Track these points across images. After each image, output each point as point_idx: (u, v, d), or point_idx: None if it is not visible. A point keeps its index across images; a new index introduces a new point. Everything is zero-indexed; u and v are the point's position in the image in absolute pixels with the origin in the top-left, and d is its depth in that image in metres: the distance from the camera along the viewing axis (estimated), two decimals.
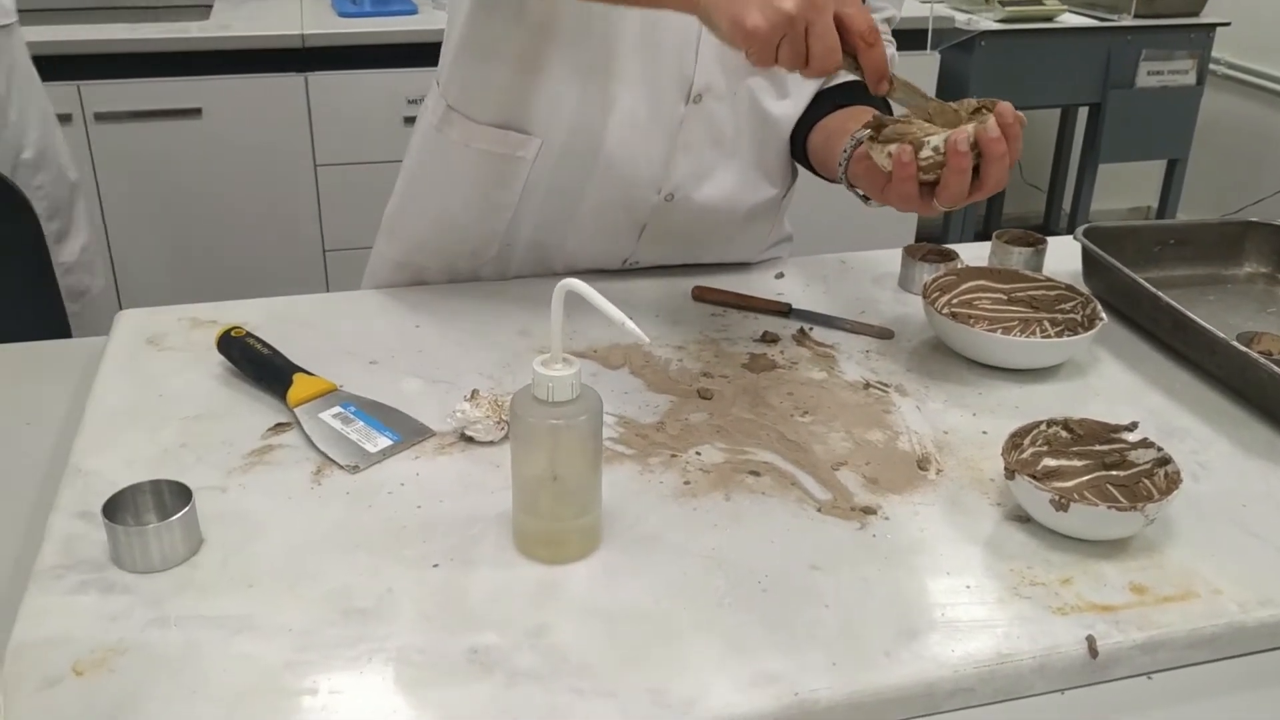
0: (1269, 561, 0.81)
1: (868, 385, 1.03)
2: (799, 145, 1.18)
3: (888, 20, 1.21)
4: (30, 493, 0.89)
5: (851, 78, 1.14)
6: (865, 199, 1.02)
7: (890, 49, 1.22)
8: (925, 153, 0.91)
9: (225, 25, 2.52)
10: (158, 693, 0.66)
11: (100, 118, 2.43)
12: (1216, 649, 0.75)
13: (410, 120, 2.61)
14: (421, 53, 2.52)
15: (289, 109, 2.54)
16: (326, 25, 2.54)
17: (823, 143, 1.12)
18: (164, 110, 2.46)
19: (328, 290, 2.69)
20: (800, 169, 1.26)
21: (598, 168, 1.12)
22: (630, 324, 0.71)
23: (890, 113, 1.07)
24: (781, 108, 1.15)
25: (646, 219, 1.17)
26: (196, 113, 2.48)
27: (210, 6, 2.71)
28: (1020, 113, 0.92)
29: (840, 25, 0.85)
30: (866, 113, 1.09)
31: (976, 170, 0.91)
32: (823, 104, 1.16)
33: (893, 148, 0.93)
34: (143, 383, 1.00)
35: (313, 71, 2.52)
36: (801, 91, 1.15)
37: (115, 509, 0.77)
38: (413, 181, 1.23)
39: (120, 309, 1.14)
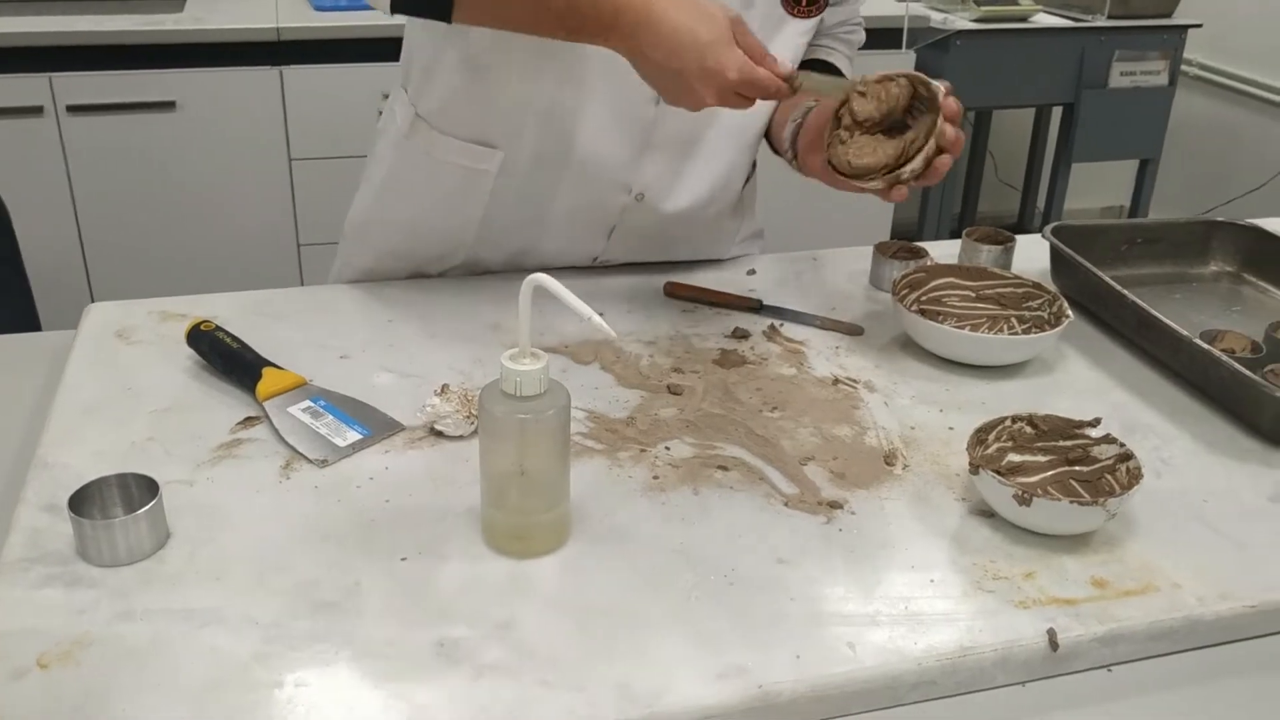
0: (1228, 556, 0.83)
1: (837, 381, 1.04)
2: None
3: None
4: None
5: (824, 56, 1.20)
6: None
7: (857, 34, 1.24)
8: (906, 176, 0.98)
9: (199, 18, 2.51)
10: (124, 686, 0.66)
11: (72, 110, 2.41)
12: (1175, 642, 0.77)
13: None
14: (396, 46, 2.50)
15: (264, 102, 2.53)
16: (302, 19, 2.52)
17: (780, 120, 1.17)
18: (137, 103, 2.44)
19: (302, 284, 2.67)
20: (761, 159, 1.27)
21: (568, 172, 1.12)
22: (597, 319, 0.71)
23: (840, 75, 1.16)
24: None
25: (616, 219, 1.17)
26: (170, 106, 2.46)
27: None
28: (958, 108, 0.98)
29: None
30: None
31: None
32: None
33: (877, 183, 0.99)
34: (111, 376, 1.00)
35: (288, 65, 2.51)
36: None
37: (81, 502, 0.77)
38: (380, 189, 1.22)
39: (93, 302, 1.13)
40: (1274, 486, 0.91)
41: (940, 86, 0.98)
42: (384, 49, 2.53)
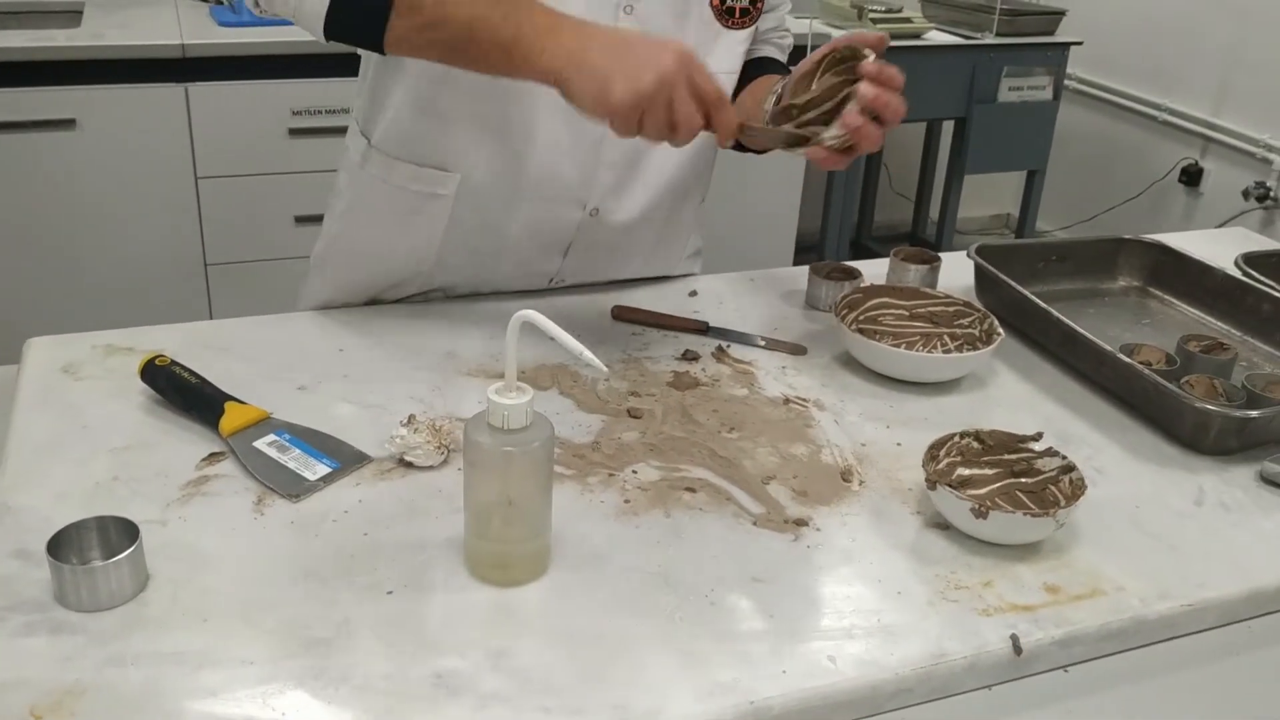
0: (1163, 558, 0.89)
1: (788, 401, 1.08)
2: None
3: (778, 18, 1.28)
4: None
5: (761, 54, 1.25)
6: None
7: (787, 38, 1.29)
8: (829, 141, 0.98)
9: (98, 34, 2.44)
10: None
11: None
12: (1123, 641, 0.82)
13: (295, 131, 2.58)
14: (305, 63, 2.48)
15: (168, 120, 2.47)
16: (207, 35, 2.48)
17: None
18: (35, 121, 2.36)
19: (210, 305, 2.62)
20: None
21: (524, 192, 1.14)
22: (589, 354, 0.74)
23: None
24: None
25: (572, 236, 1.19)
26: (70, 124, 2.39)
27: (80, 13, 2.61)
28: (879, 34, 1.00)
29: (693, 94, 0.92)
30: (768, 83, 1.16)
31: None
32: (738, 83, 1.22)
33: (802, 150, 1.00)
34: (63, 413, 0.98)
35: (193, 82, 2.46)
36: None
37: (58, 547, 0.76)
38: (340, 222, 1.22)
39: None
40: (1196, 491, 0.98)
41: (863, 44, 0.98)
42: (292, 66, 2.50)
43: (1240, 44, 3.43)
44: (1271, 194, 3.39)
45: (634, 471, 0.95)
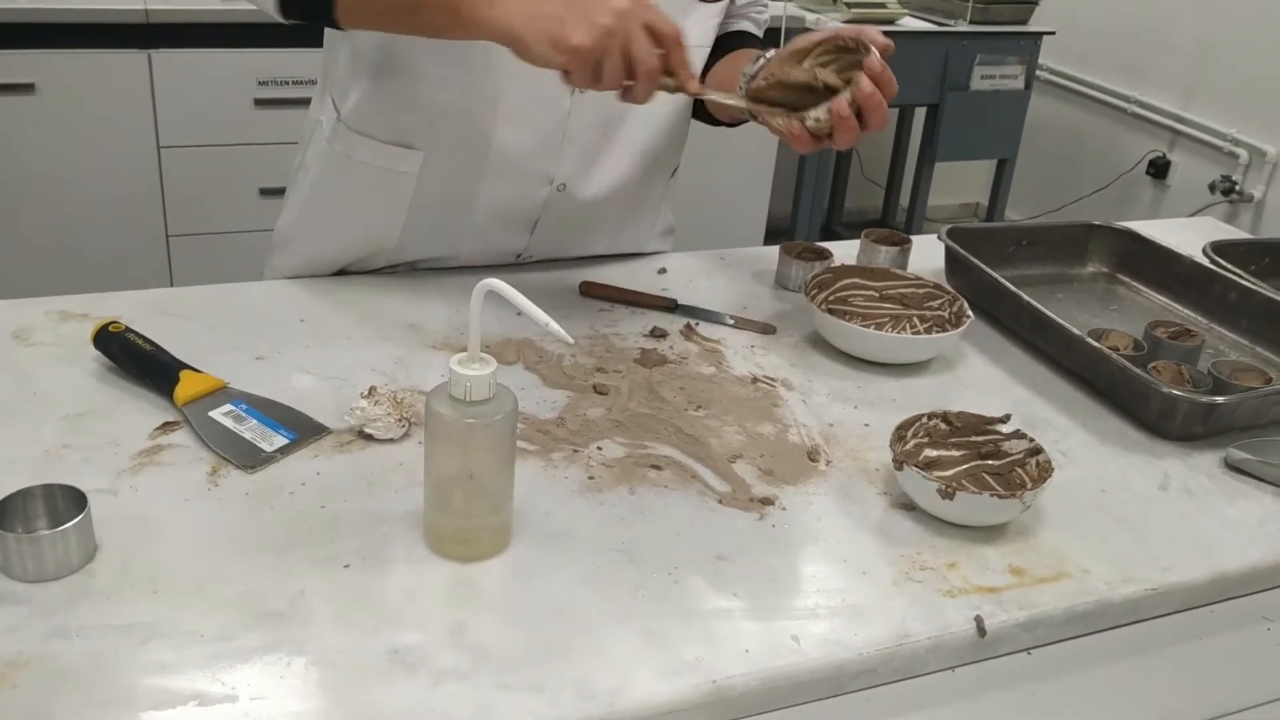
0: (1128, 542, 0.88)
1: (755, 380, 1.07)
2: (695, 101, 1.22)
3: None
4: None
5: (736, 29, 1.22)
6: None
7: (765, 13, 1.27)
8: (810, 123, 0.98)
9: None
10: (68, 706, 0.64)
11: None
12: (1088, 624, 0.82)
13: (261, 102, 2.54)
14: (272, 32, 2.44)
15: (131, 87, 2.42)
16: (171, 0, 2.43)
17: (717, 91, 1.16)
18: None
19: (171, 278, 2.58)
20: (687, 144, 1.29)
21: (489, 168, 1.12)
22: (554, 325, 0.72)
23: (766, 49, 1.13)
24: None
25: (539, 212, 1.17)
26: (29, 88, 2.33)
27: None
28: (888, 40, 0.98)
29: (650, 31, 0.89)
30: (748, 55, 1.14)
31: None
32: (711, 56, 1.20)
33: (780, 121, 0.99)
34: (14, 379, 0.95)
35: (157, 49, 2.41)
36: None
37: (3, 515, 0.74)
38: (306, 198, 1.19)
39: None
40: (1162, 476, 0.98)
41: (870, 42, 0.97)
42: (258, 35, 2.46)
43: (1210, 38, 3.45)
44: (1238, 188, 3.41)
45: (599, 448, 0.93)
